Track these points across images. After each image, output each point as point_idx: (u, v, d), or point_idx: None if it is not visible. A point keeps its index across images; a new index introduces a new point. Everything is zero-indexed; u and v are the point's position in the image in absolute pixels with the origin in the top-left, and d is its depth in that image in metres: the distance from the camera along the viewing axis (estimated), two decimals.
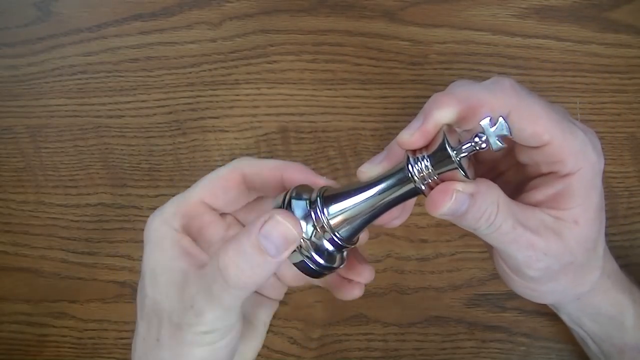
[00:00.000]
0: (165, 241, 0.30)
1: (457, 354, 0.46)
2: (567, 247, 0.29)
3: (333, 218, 0.28)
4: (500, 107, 0.27)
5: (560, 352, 0.45)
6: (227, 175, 0.31)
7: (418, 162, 0.27)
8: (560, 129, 0.28)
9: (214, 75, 0.48)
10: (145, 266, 0.30)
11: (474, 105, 0.27)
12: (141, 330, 0.30)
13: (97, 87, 0.48)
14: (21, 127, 0.49)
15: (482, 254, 0.46)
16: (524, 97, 0.28)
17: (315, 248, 0.28)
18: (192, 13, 0.48)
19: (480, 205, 0.28)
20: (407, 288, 0.46)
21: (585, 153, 0.29)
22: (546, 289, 0.31)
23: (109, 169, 0.49)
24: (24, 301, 0.49)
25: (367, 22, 0.46)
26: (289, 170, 0.31)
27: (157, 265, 0.29)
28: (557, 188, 0.29)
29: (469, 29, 0.46)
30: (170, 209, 0.31)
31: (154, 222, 0.31)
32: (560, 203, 0.29)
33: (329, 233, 0.28)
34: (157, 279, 0.29)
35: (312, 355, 0.47)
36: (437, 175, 0.27)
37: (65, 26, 0.49)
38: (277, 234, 0.26)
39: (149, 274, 0.30)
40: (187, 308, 0.28)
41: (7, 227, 0.50)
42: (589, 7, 0.45)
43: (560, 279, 0.31)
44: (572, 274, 0.31)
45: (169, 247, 0.30)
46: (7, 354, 0.49)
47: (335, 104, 0.47)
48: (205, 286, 0.27)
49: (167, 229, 0.30)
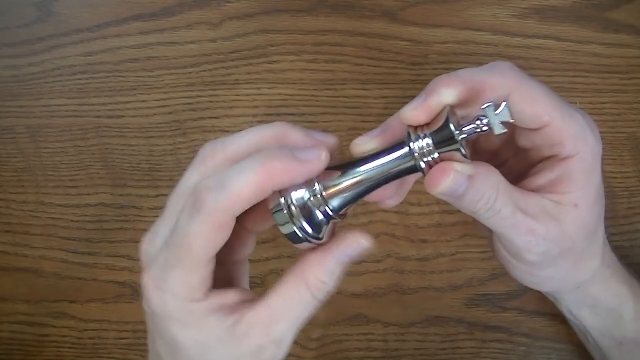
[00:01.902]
0: (197, 315, 0.28)
1: (457, 354, 0.46)
2: (567, 232, 0.29)
3: (328, 188, 0.28)
4: (501, 88, 0.28)
5: (560, 352, 0.45)
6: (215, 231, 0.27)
7: (419, 139, 0.27)
8: (560, 111, 0.29)
9: (214, 75, 0.48)
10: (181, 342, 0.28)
11: (476, 86, 0.28)
12: None
13: (97, 87, 0.49)
14: (21, 127, 0.50)
15: (482, 254, 0.46)
16: (524, 79, 0.28)
17: (305, 215, 0.28)
18: (192, 13, 0.48)
19: (478, 188, 0.28)
20: (407, 288, 0.46)
21: (584, 136, 0.29)
22: (546, 275, 0.32)
23: (109, 169, 0.49)
24: (24, 301, 0.49)
25: (367, 22, 0.46)
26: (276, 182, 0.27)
27: (200, 337, 0.28)
28: (556, 172, 0.29)
29: (469, 29, 0.46)
30: (183, 288, 0.28)
31: (170, 303, 0.28)
32: (559, 187, 0.29)
33: (322, 203, 0.28)
34: (207, 346, 0.28)
35: (312, 355, 0.47)
36: (437, 153, 0.27)
37: (65, 26, 0.49)
38: (359, 255, 0.29)
39: (193, 346, 0.28)
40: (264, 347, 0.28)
41: (7, 227, 0.50)
42: (589, 7, 0.45)
43: (560, 265, 0.31)
44: (572, 259, 0.31)
45: (204, 317, 0.28)
46: (7, 354, 0.49)
47: (335, 104, 0.47)
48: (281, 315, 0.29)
49: (193, 305, 0.28)
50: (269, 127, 0.29)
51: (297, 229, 0.28)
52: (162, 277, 0.28)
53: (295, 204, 0.27)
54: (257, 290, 0.48)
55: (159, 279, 0.28)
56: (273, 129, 0.29)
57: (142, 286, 0.29)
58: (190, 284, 0.28)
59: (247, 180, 0.26)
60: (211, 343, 0.28)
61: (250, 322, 0.28)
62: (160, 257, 0.28)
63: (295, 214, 0.27)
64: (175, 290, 0.28)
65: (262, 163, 0.26)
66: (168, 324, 0.28)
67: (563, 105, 0.29)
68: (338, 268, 0.29)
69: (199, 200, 0.27)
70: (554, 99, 0.29)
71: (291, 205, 0.27)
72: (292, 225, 0.27)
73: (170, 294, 0.28)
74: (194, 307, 0.28)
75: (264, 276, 0.47)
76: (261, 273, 0.47)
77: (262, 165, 0.26)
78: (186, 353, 0.29)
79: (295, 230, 0.28)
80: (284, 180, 0.27)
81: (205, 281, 0.28)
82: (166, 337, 0.29)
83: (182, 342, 0.28)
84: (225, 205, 0.26)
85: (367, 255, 0.46)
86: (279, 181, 0.27)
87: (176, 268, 0.28)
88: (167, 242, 0.28)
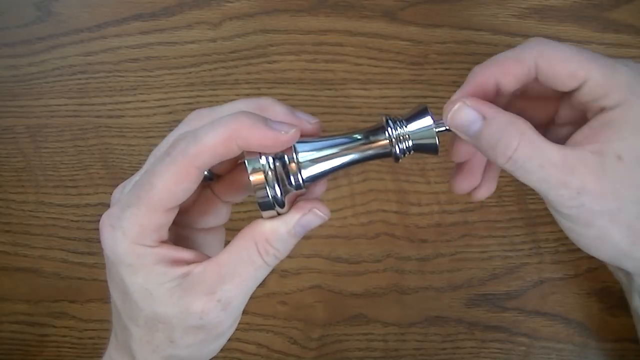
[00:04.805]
0: (145, 261, 0.28)
1: (457, 354, 0.46)
2: (609, 188, 0.26)
3: (304, 164, 0.29)
4: (528, 57, 0.28)
5: (560, 352, 0.45)
6: (178, 176, 0.28)
7: (398, 127, 0.29)
8: (596, 63, 0.27)
9: (214, 75, 0.48)
10: (128, 286, 0.29)
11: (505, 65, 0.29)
12: (138, 334, 0.30)
13: (97, 87, 0.49)
14: (21, 127, 0.50)
15: (482, 253, 0.46)
16: (550, 44, 0.28)
17: (280, 186, 0.28)
18: (192, 13, 0.48)
19: (495, 132, 0.27)
20: (407, 288, 0.46)
21: (631, 86, 0.27)
22: (591, 235, 0.28)
23: (109, 169, 0.49)
24: (24, 301, 0.49)
25: (367, 22, 0.46)
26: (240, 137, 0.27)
27: (147, 285, 0.28)
28: (600, 121, 0.27)
29: (469, 29, 0.46)
30: (134, 227, 0.28)
31: (119, 243, 0.28)
32: (601, 135, 0.27)
33: (296, 177, 0.28)
34: (152, 295, 0.28)
35: (312, 355, 0.47)
36: (412, 142, 0.29)
37: (65, 26, 0.49)
38: (313, 225, 0.29)
39: (139, 293, 0.29)
40: (209, 307, 0.28)
41: (7, 227, 0.50)
42: (589, 7, 0.45)
43: (608, 228, 0.27)
44: (625, 225, 0.27)
45: (153, 265, 0.28)
46: (7, 354, 0.49)
47: (335, 104, 0.47)
48: (229, 274, 0.28)
49: (141, 249, 0.28)
50: (255, 99, 0.30)
51: (270, 196, 0.28)
52: (118, 215, 0.28)
53: (271, 173, 0.28)
54: (258, 290, 0.48)
55: (115, 217, 0.28)
56: (259, 102, 0.30)
57: (99, 226, 0.29)
58: (142, 225, 0.28)
59: (216, 132, 0.27)
60: (157, 292, 0.28)
61: (197, 278, 0.28)
62: (123, 197, 0.29)
63: (270, 180, 0.28)
64: (126, 228, 0.28)
65: (233, 120, 0.27)
66: (118, 268, 0.29)
67: (601, 58, 0.27)
68: (291, 237, 0.29)
69: (171, 147, 0.28)
70: (588, 54, 0.27)
71: (269, 173, 0.28)
72: (267, 194, 0.28)
73: (121, 232, 0.28)
74: (143, 251, 0.28)
75: None
76: None
77: (232, 121, 0.27)
78: (133, 299, 0.29)
79: (268, 197, 0.28)
80: (250, 140, 0.27)
81: (159, 230, 0.28)
82: (117, 281, 0.29)
83: (129, 287, 0.29)
84: (192, 153, 0.27)
85: (367, 255, 0.46)
86: (244, 139, 0.27)
87: (133, 207, 0.28)
88: (134, 184, 0.29)
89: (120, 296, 0.30)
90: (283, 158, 0.28)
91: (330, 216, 0.30)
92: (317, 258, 0.47)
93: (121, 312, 0.30)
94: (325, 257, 0.47)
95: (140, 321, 0.29)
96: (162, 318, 0.29)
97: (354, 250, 0.47)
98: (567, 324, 0.45)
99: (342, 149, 0.29)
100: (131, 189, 0.29)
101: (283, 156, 0.28)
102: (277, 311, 0.47)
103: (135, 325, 0.30)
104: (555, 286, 0.45)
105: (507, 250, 0.46)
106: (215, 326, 0.29)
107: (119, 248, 0.28)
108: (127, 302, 0.29)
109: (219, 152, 0.27)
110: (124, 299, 0.30)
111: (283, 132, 0.28)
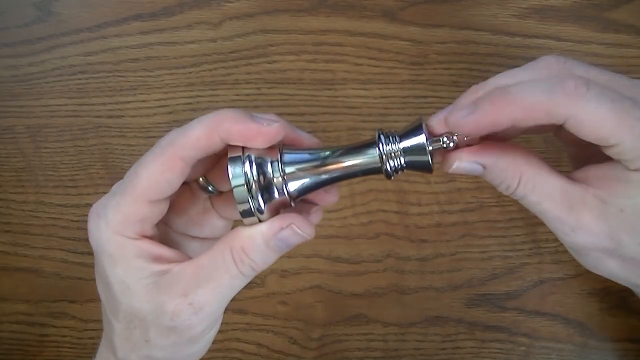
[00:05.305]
0: (125, 252, 0.28)
1: (457, 354, 0.46)
2: (608, 231, 0.27)
3: (291, 173, 0.28)
4: (559, 114, 0.26)
5: (560, 352, 0.45)
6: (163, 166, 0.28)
7: (391, 143, 0.28)
8: (631, 133, 0.26)
9: (214, 75, 0.48)
10: (109, 277, 0.29)
11: (532, 111, 0.26)
12: (119, 329, 0.30)
13: (97, 87, 0.49)
14: (21, 127, 0.50)
15: (482, 253, 0.46)
16: (587, 100, 0.25)
17: (262, 192, 0.28)
18: (192, 13, 0.48)
19: (495, 177, 0.28)
20: (407, 288, 0.46)
21: None
22: (588, 261, 0.29)
23: (109, 169, 0.49)
24: (24, 301, 0.49)
25: (367, 22, 0.46)
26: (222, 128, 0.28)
27: (126, 277, 0.29)
28: (613, 172, 0.27)
29: (469, 29, 0.46)
30: (116, 216, 0.28)
31: (102, 233, 0.29)
32: (612, 186, 0.27)
33: (281, 184, 0.28)
34: (129, 289, 0.29)
35: (312, 355, 0.47)
36: (403, 159, 0.28)
37: (65, 26, 0.49)
38: (292, 241, 0.28)
39: (118, 285, 0.29)
40: (181, 309, 0.28)
41: (7, 227, 0.50)
42: (589, 7, 0.45)
43: (605, 261, 0.28)
44: (620, 261, 0.28)
45: (132, 258, 0.28)
46: (7, 354, 0.49)
47: (335, 104, 0.47)
48: (205, 278, 0.28)
49: (122, 240, 0.28)
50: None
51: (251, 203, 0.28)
52: (105, 204, 0.29)
53: (254, 177, 0.27)
54: (258, 290, 0.48)
55: (102, 206, 0.29)
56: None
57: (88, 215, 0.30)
58: (125, 214, 0.28)
59: (200, 125, 0.28)
60: (135, 287, 0.28)
61: (174, 278, 0.28)
62: (113, 187, 0.30)
63: (254, 189, 0.27)
64: (109, 217, 0.28)
65: (217, 113, 0.28)
66: (101, 257, 0.29)
67: (633, 118, 0.26)
68: (269, 250, 0.28)
69: (161, 139, 0.29)
70: (623, 114, 0.25)
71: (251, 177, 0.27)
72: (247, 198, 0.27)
73: (105, 221, 0.29)
74: (123, 242, 0.28)
75: (264, 276, 0.47)
76: (261, 273, 0.47)
77: (216, 115, 0.28)
78: (114, 292, 0.29)
79: (248, 203, 0.28)
80: (232, 132, 0.27)
81: (142, 222, 0.29)
82: (100, 272, 0.30)
83: (110, 279, 0.29)
84: (177, 144, 0.28)
85: (367, 255, 0.46)
86: (226, 130, 0.27)
87: (117, 195, 0.29)
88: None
89: (103, 288, 0.30)
90: (266, 161, 0.28)
91: (313, 236, 0.29)
92: (317, 258, 0.47)
93: (105, 305, 0.31)
94: (325, 257, 0.47)
95: (120, 315, 0.29)
96: (138, 313, 0.29)
97: (354, 250, 0.47)
98: (567, 324, 0.45)
99: (331, 162, 0.28)
100: (120, 181, 0.29)
101: (267, 159, 0.28)
102: (277, 311, 0.47)
103: (116, 320, 0.30)
104: (555, 286, 0.45)
105: (507, 250, 0.46)
106: (186, 329, 0.29)
107: (102, 237, 0.29)
108: (109, 295, 0.30)
109: (202, 144, 0.28)
110: (106, 291, 0.30)
111: (265, 124, 0.28)
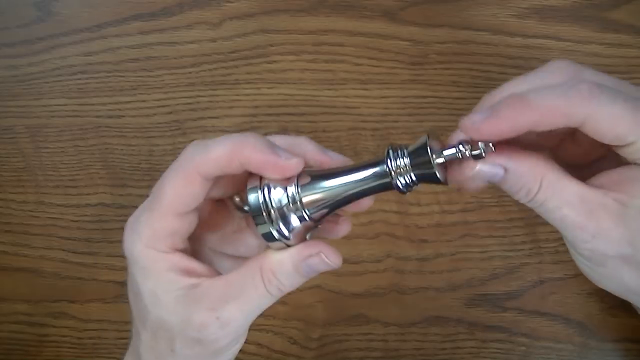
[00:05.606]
0: (156, 265, 0.29)
1: (457, 354, 0.46)
2: (628, 236, 0.27)
3: (306, 197, 0.29)
4: (576, 115, 0.26)
5: (560, 352, 0.45)
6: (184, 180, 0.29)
7: (398, 158, 0.28)
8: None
9: (214, 75, 0.48)
10: (140, 288, 0.30)
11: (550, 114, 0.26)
12: (145, 339, 0.31)
13: (97, 87, 0.49)
14: (21, 127, 0.50)
15: (482, 253, 0.46)
16: (602, 101, 0.26)
17: (282, 219, 0.28)
18: (192, 13, 0.48)
19: (516, 181, 0.27)
20: (407, 288, 0.46)
21: None
22: (602, 272, 0.29)
23: (109, 169, 0.49)
24: (24, 301, 0.49)
25: (367, 22, 0.46)
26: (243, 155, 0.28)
27: (156, 289, 0.29)
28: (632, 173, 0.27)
29: (469, 29, 0.46)
30: (147, 231, 0.29)
31: (135, 246, 0.30)
32: (631, 188, 0.27)
33: (300, 210, 0.29)
34: (159, 300, 0.29)
35: (312, 355, 0.47)
36: (413, 174, 0.28)
37: (65, 26, 0.49)
38: (320, 268, 0.29)
39: (149, 296, 0.30)
40: (208, 322, 0.29)
41: (7, 227, 0.50)
42: (589, 7, 0.45)
43: (621, 270, 0.28)
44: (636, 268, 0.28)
45: (163, 271, 0.29)
46: (7, 354, 0.49)
47: (335, 104, 0.47)
48: (233, 294, 0.29)
49: (154, 254, 0.29)
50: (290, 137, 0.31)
51: (276, 233, 0.28)
52: (137, 218, 0.30)
53: (273, 204, 0.28)
54: None
55: (135, 220, 0.30)
56: (293, 139, 0.31)
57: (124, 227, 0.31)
58: (155, 229, 0.29)
59: (222, 146, 0.28)
60: (164, 299, 0.29)
61: (204, 292, 0.29)
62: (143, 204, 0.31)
63: (274, 215, 0.28)
64: (141, 232, 0.29)
65: (240, 137, 0.29)
66: (133, 269, 0.30)
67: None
68: (298, 274, 0.29)
69: (182, 153, 0.30)
70: (634, 111, 0.25)
71: (270, 205, 0.28)
72: (269, 226, 0.28)
73: (137, 235, 0.30)
74: (155, 256, 0.29)
75: None
76: None
77: (238, 138, 0.28)
78: (144, 302, 0.30)
79: (270, 231, 0.28)
80: (251, 160, 0.28)
81: (172, 236, 0.29)
82: (132, 283, 0.30)
83: (141, 289, 0.30)
84: (197, 161, 0.29)
85: (367, 255, 0.46)
86: (246, 157, 0.28)
87: (147, 211, 0.30)
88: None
89: (134, 298, 0.31)
90: (283, 188, 0.28)
91: (340, 265, 0.29)
92: None
93: (135, 315, 0.31)
94: None
95: (147, 325, 0.30)
96: (165, 325, 0.29)
97: (354, 250, 0.47)
98: (567, 324, 0.45)
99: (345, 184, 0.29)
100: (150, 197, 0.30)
101: (283, 186, 0.28)
102: (277, 311, 0.47)
103: (144, 329, 0.30)
104: (555, 286, 0.45)
105: (507, 250, 0.46)
106: (211, 342, 0.29)
107: (135, 250, 0.30)
108: (139, 305, 0.30)
109: (221, 165, 0.28)
110: (137, 301, 0.30)
111: (284, 158, 0.28)
